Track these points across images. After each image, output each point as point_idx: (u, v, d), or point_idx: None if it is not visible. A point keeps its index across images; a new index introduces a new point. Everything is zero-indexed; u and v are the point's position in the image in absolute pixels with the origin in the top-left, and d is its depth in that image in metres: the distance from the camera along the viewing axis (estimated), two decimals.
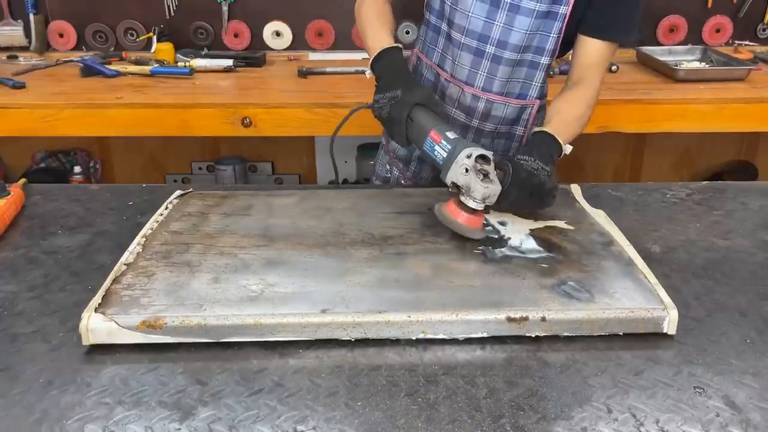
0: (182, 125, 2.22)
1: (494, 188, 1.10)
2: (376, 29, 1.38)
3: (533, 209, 1.23)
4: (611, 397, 0.84)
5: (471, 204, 1.11)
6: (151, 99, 2.26)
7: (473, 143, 1.16)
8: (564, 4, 1.30)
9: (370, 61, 1.34)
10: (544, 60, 1.38)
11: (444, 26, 1.41)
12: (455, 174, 1.12)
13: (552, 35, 1.34)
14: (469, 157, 1.10)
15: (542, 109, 1.50)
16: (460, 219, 1.13)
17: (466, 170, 1.10)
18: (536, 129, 1.29)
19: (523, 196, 1.14)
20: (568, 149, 1.29)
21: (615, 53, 1.40)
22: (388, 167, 1.64)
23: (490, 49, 1.36)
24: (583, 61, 1.39)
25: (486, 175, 1.10)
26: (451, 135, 1.16)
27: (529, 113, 1.47)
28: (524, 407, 0.82)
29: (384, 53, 1.32)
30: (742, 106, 2.25)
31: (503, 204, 1.14)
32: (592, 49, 1.37)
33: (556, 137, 1.26)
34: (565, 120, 1.32)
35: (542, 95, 1.47)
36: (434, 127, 1.18)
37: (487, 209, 1.12)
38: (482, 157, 1.12)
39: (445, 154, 1.14)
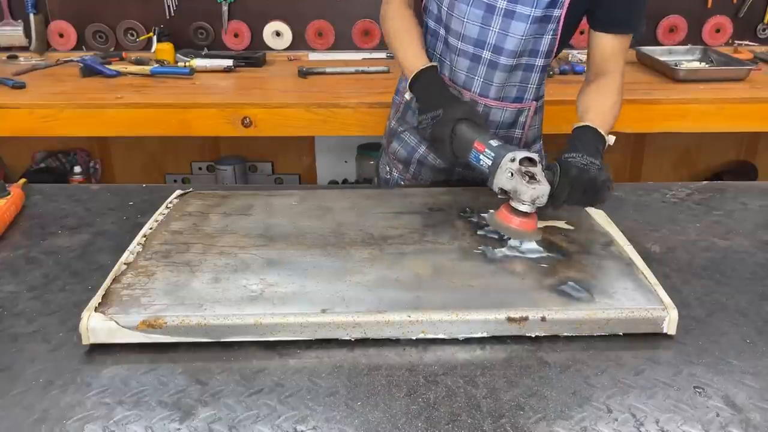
0: (182, 125, 2.22)
1: (542, 189, 1.09)
2: (407, 45, 1.40)
3: (591, 204, 1.21)
4: (611, 397, 0.84)
5: (521, 207, 1.11)
6: (151, 99, 2.26)
7: (518, 148, 1.15)
8: (559, 7, 1.30)
9: (408, 81, 1.36)
10: (539, 62, 1.38)
11: (441, 31, 1.41)
12: (501, 179, 1.12)
13: (547, 37, 1.34)
14: (513, 160, 1.10)
15: (539, 111, 1.50)
16: (513, 224, 1.13)
17: (511, 174, 1.10)
18: (577, 124, 1.28)
19: (577, 192, 1.13)
20: (611, 139, 1.27)
21: (629, 44, 1.40)
22: (388, 168, 1.64)
23: (486, 54, 1.36)
24: (600, 56, 1.38)
25: (532, 177, 1.09)
26: (494, 143, 1.16)
27: (526, 116, 1.46)
28: (524, 407, 0.82)
29: (421, 74, 1.33)
30: (742, 106, 2.25)
31: (557, 203, 1.13)
32: (607, 44, 1.36)
33: (598, 129, 1.25)
34: (600, 111, 1.31)
35: (538, 97, 1.47)
36: (477, 137, 1.18)
37: (539, 210, 1.12)
38: (528, 160, 1.11)
39: (489, 162, 1.15)
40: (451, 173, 1.56)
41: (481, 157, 1.17)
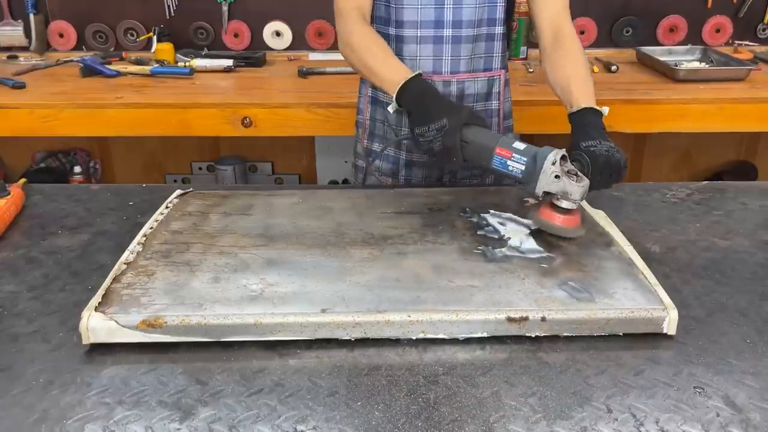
0: (182, 125, 2.22)
1: (587, 184, 1.12)
2: (381, 58, 1.32)
3: (611, 186, 1.21)
4: (611, 397, 0.84)
5: (565, 205, 1.12)
6: (151, 99, 2.26)
7: (545, 146, 1.14)
8: None
9: (395, 94, 1.25)
10: (498, 30, 1.46)
11: (392, 30, 1.44)
12: (547, 183, 1.11)
13: (499, 5, 1.43)
14: (554, 163, 1.10)
15: (508, 84, 1.56)
16: (559, 222, 1.14)
17: (557, 177, 1.10)
18: (572, 109, 1.27)
19: (605, 178, 1.15)
20: (605, 111, 1.28)
21: None
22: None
23: (447, 32, 1.42)
24: (546, 16, 1.41)
25: (576, 175, 1.12)
26: (519, 146, 1.14)
27: (498, 85, 1.53)
28: (524, 407, 0.82)
29: (410, 84, 1.24)
30: (742, 106, 2.25)
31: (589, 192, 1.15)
32: (549, 1, 1.41)
33: (593, 107, 1.26)
34: (582, 83, 1.31)
35: (505, 65, 1.53)
36: (496, 143, 1.15)
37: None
38: (562, 158, 1.12)
39: (523, 167, 1.13)
40: (441, 170, 1.57)
41: (510, 163, 1.14)
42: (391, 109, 1.28)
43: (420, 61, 1.45)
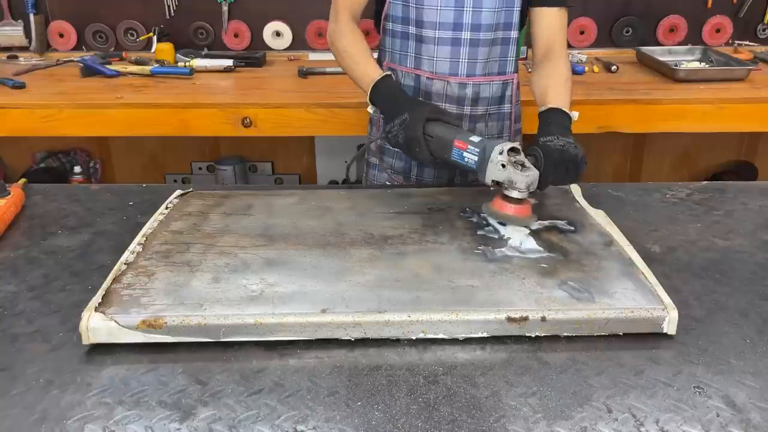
0: (182, 125, 2.22)
1: (534, 174, 1.15)
2: (360, 63, 1.42)
3: (572, 181, 1.29)
4: (611, 397, 0.84)
5: (516, 195, 1.15)
6: (151, 99, 2.26)
7: (499, 139, 1.23)
8: None
9: (368, 95, 1.37)
10: (513, 34, 1.48)
11: (412, 29, 1.46)
12: (493, 172, 1.16)
13: (515, 9, 1.45)
14: (501, 153, 1.15)
15: (518, 87, 1.58)
16: (510, 212, 1.17)
17: (503, 166, 1.14)
18: (542, 108, 1.34)
19: (561, 172, 1.19)
20: (575, 115, 1.34)
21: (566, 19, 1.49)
22: (388, 184, 1.64)
23: (465, 35, 1.43)
24: (544, 32, 1.46)
25: (522, 165, 1.15)
26: (474, 139, 1.20)
27: (511, 89, 1.55)
28: (524, 407, 0.82)
29: (379, 84, 1.35)
30: (742, 106, 2.25)
31: (543, 186, 1.19)
32: (552, 19, 1.45)
33: (562, 108, 1.32)
34: (557, 90, 1.38)
35: (517, 69, 1.56)
36: (455, 136, 1.21)
37: (530, 195, 1.18)
38: (512, 150, 1.16)
39: (476, 158, 1.18)
40: (452, 172, 1.58)
41: (465, 154, 1.20)
42: (370, 109, 1.40)
43: (437, 62, 1.47)
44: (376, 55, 1.50)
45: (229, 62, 2.57)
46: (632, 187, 1.52)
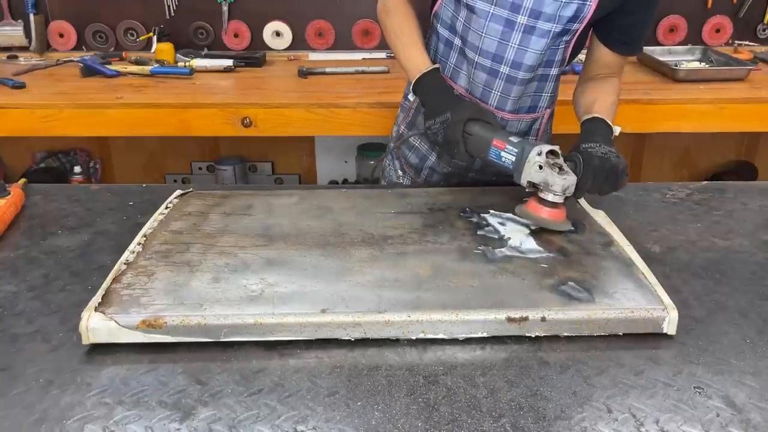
0: (182, 125, 2.22)
1: (571, 179, 1.13)
2: (409, 46, 1.37)
3: (611, 191, 1.21)
4: (611, 397, 0.84)
5: (551, 198, 1.14)
6: (151, 99, 2.26)
7: (539, 141, 1.19)
8: (578, 22, 1.27)
9: (411, 84, 1.35)
10: (554, 71, 1.38)
11: (457, 41, 1.37)
12: (530, 173, 1.15)
13: (561, 48, 1.33)
14: (539, 154, 1.14)
15: (551, 116, 1.51)
16: (544, 214, 1.16)
17: (540, 167, 1.13)
18: (586, 117, 1.31)
19: (600, 181, 1.16)
20: (617, 130, 1.30)
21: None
22: (401, 173, 1.63)
23: (504, 69, 1.33)
24: (600, 64, 1.41)
25: (560, 168, 1.14)
26: (514, 139, 1.19)
27: (540, 123, 1.47)
28: (524, 407, 0.82)
29: (424, 77, 1.32)
30: (742, 106, 2.25)
31: (580, 192, 1.16)
32: (610, 57, 1.39)
33: (606, 120, 1.29)
34: (605, 105, 1.34)
35: (552, 103, 1.46)
36: (495, 135, 1.20)
37: (566, 200, 1.16)
38: (551, 152, 1.15)
39: (513, 158, 1.17)
40: (464, 177, 1.54)
41: (503, 154, 1.19)
42: (411, 97, 1.40)
43: (473, 84, 1.38)
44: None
45: (229, 62, 2.57)
46: (632, 187, 1.52)
